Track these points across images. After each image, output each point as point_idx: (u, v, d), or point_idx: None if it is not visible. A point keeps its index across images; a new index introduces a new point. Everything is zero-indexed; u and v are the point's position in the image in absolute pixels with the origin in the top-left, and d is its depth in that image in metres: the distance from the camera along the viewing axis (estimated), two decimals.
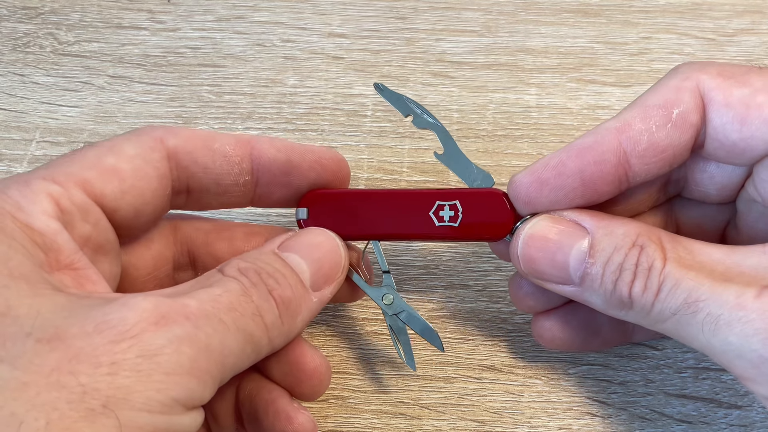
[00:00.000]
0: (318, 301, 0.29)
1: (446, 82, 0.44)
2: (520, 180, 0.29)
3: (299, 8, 0.47)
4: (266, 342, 0.26)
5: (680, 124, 0.28)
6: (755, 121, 0.27)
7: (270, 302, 0.26)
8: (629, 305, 0.27)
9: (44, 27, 0.46)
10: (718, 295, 0.25)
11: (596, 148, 0.28)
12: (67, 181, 0.26)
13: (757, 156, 0.28)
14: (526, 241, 0.29)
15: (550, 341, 0.33)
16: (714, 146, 0.28)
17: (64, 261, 0.25)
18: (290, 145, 0.31)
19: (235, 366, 0.25)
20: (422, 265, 0.37)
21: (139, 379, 0.22)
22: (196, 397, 0.23)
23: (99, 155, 0.27)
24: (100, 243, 0.27)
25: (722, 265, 0.26)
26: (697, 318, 0.26)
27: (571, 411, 0.34)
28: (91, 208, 0.27)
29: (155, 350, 0.22)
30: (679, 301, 0.26)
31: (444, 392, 0.34)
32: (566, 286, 0.29)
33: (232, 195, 0.31)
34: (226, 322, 0.25)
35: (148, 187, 0.28)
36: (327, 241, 0.30)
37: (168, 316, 0.23)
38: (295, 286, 0.28)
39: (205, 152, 0.29)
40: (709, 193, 0.31)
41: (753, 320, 0.25)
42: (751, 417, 0.33)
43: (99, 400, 0.21)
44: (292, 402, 0.29)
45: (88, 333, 0.22)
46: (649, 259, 0.27)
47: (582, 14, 0.46)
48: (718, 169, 0.30)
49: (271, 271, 0.27)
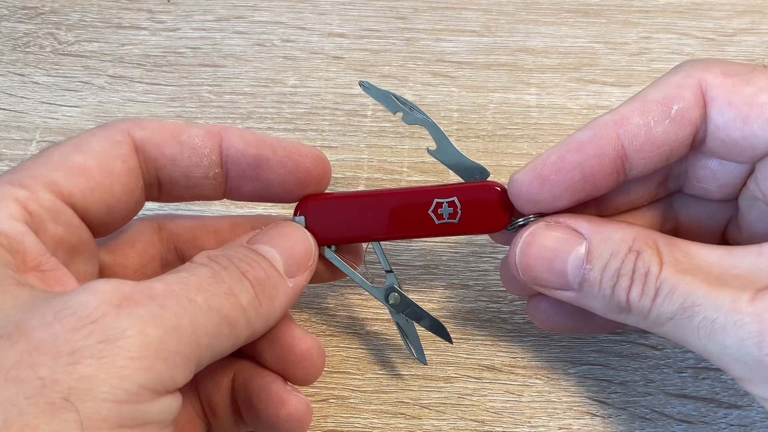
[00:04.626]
0: (293, 287, 0.28)
1: (446, 82, 0.44)
2: (520, 179, 0.29)
3: (299, 8, 0.47)
4: (244, 323, 0.25)
5: (679, 121, 0.28)
6: (758, 120, 0.27)
7: (244, 283, 0.26)
8: (627, 310, 0.28)
9: (44, 27, 0.46)
10: (714, 300, 0.26)
11: (595, 142, 0.28)
12: (35, 185, 0.26)
13: (759, 154, 0.28)
14: (524, 250, 0.29)
15: (544, 323, 0.33)
16: (716, 144, 0.28)
17: (31, 263, 0.25)
18: (261, 138, 0.30)
19: (212, 347, 0.24)
20: (422, 265, 0.37)
21: (102, 367, 0.21)
22: (167, 381, 0.22)
23: (65, 154, 0.27)
24: (73, 243, 0.27)
25: (718, 267, 0.26)
26: (693, 322, 0.26)
27: (571, 411, 0.34)
28: (61, 209, 0.26)
29: (118, 334, 0.21)
30: (675, 306, 0.26)
31: (444, 392, 0.34)
32: (566, 292, 0.29)
33: (203, 187, 0.30)
34: (197, 301, 0.24)
35: (117, 182, 0.28)
36: (294, 230, 0.30)
37: (131, 297, 0.22)
38: (268, 269, 0.27)
39: (172, 144, 0.29)
40: (710, 189, 0.31)
41: (747, 324, 0.25)
42: (751, 417, 0.33)
43: (59, 393, 0.20)
44: (285, 385, 0.29)
45: (48, 323, 0.21)
46: (645, 265, 0.27)
47: (582, 14, 0.46)
48: (720, 166, 0.30)
49: (242, 256, 0.27)
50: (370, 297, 0.36)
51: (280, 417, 0.29)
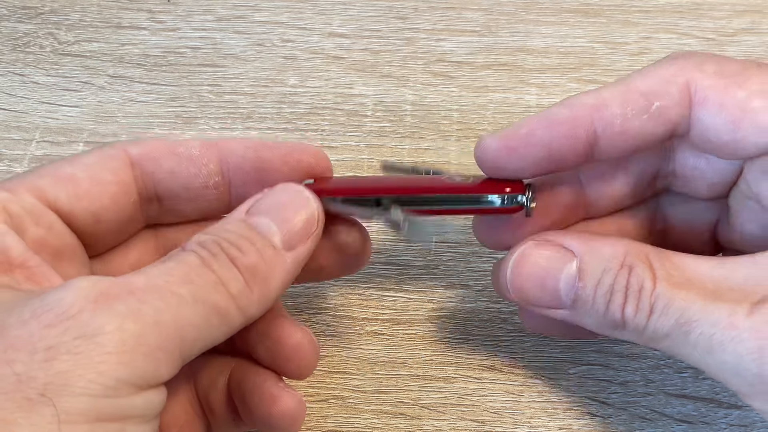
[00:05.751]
0: (293, 261, 0.27)
1: (446, 82, 0.44)
2: (488, 144, 0.28)
3: (299, 8, 0.47)
4: (235, 311, 0.25)
5: (657, 117, 0.27)
6: (748, 126, 0.27)
7: (233, 271, 0.25)
8: (622, 326, 0.27)
9: (44, 27, 0.46)
10: (710, 314, 0.25)
11: (569, 123, 0.28)
12: (18, 188, 0.26)
13: (748, 156, 0.28)
14: (514, 271, 0.29)
15: (536, 328, 0.33)
16: (703, 143, 0.28)
17: (15, 261, 0.25)
18: (259, 141, 0.30)
19: (200, 339, 0.24)
20: (422, 265, 0.37)
21: (79, 362, 0.21)
22: (148, 375, 0.22)
23: (56, 166, 0.28)
24: (57, 247, 0.27)
25: (711, 280, 0.26)
26: (690, 338, 0.26)
27: (571, 411, 0.34)
28: (42, 212, 0.26)
29: (94, 330, 0.21)
30: (671, 321, 0.26)
31: (444, 392, 0.34)
32: (559, 311, 0.29)
33: (205, 199, 0.30)
34: (181, 293, 0.23)
35: (105, 191, 0.28)
36: (296, 196, 0.28)
37: (109, 293, 0.22)
38: (263, 250, 0.26)
39: (170, 156, 0.29)
40: (699, 188, 0.30)
41: (745, 340, 0.25)
42: (751, 417, 0.33)
43: (36, 389, 0.20)
44: (278, 383, 0.29)
45: (24, 320, 0.21)
46: (639, 280, 0.27)
47: (582, 14, 0.46)
48: (709, 165, 0.30)
49: (234, 239, 0.26)
50: (370, 297, 0.36)
51: (272, 415, 0.29)
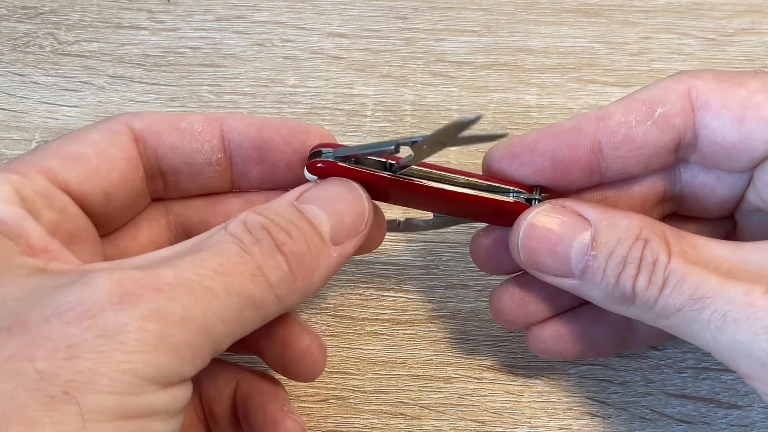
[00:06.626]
0: (338, 256, 0.27)
1: (446, 82, 0.44)
2: (494, 152, 0.29)
3: (299, 8, 0.46)
4: (273, 300, 0.24)
5: (661, 124, 0.28)
6: (753, 120, 0.27)
7: (276, 258, 0.24)
8: (631, 300, 0.27)
9: (44, 27, 0.46)
10: (726, 292, 0.25)
11: (573, 133, 0.28)
12: (28, 170, 0.26)
13: (758, 158, 0.28)
14: (527, 231, 0.28)
15: (544, 353, 0.32)
16: (713, 150, 0.28)
17: (37, 245, 0.24)
18: (263, 119, 0.30)
19: (233, 332, 0.24)
20: (422, 265, 0.37)
21: (101, 361, 0.20)
22: (172, 373, 0.22)
23: (62, 144, 0.27)
24: (71, 230, 0.26)
25: (727, 261, 0.26)
26: (703, 315, 0.25)
27: (571, 411, 0.34)
28: (55, 194, 0.26)
29: (116, 329, 0.21)
30: (684, 297, 0.26)
31: (444, 392, 0.34)
32: (566, 279, 0.28)
33: (207, 176, 0.30)
34: (213, 288, 0.23)
35: (115, 169, 0.28)
36: (349, 192, 0.28)
37: (133, 292, 0.22)
38: (311, 238, 0.26)
39: (172, 131, 0.29)
40: (708, 207, 0.31)
41: (761, 318, 0.24)
42: (751, 417, 0.33)
43: (59, 386, 0.20)
44: (282, 407, 0.29)
45: (46, 317, 0.21)
46: (653, 253, 0.26)
47: (582, 14, 0.46)
48: (718, 181, 0.30)
49: (283, 223, 0.25)
50: (370, 297, 0.36)
51: None
